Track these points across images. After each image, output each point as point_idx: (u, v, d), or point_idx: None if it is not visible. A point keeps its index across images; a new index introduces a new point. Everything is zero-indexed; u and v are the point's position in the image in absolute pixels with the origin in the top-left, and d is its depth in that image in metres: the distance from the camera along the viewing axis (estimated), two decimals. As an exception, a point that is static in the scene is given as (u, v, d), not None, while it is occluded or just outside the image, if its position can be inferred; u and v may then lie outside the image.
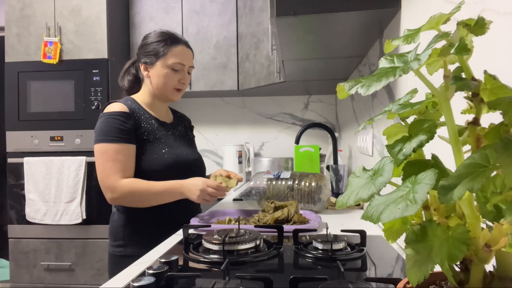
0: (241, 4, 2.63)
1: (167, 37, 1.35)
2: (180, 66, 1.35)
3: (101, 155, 1.25)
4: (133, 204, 1.27)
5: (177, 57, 1.34)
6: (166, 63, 1.33)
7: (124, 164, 1.25)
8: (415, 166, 0.38)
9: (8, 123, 2.51)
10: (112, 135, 1.25)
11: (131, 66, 1.45)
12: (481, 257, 0.34)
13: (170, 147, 1.35)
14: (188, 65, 1.38)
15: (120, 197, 1.23)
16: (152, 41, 1.35)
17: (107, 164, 1.24)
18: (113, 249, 1.32)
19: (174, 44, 1.34)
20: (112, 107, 1.30)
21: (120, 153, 1.24)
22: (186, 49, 1.38)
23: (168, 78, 1.34)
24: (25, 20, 2.50)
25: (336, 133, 2.49)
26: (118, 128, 1.25)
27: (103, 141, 1.25)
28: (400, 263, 0.86)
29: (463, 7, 0.38)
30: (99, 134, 1.26)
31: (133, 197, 1.24)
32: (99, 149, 1.26)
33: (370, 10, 1.05)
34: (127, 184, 1.23)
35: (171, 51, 1.33)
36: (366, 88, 0.35)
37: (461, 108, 0.40)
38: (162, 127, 1.38)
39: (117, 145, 1.24)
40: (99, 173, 1.25)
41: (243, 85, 2.64)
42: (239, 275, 0.69)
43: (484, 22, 0.36)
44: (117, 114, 1.27)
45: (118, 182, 1.22)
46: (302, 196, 1.46)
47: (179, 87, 1.37)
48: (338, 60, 1.69)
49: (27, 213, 2.42)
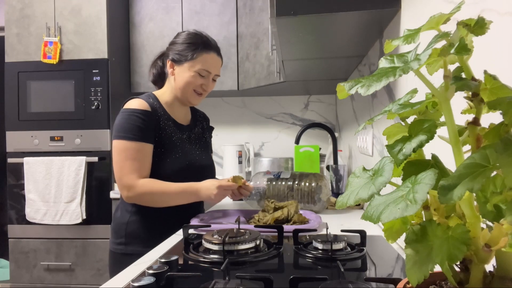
0: (241, 4, 2.63)
1: (200, 41, 1.35)
2: (206, 73, 1.35)
3: (121, 152, 1.24)
4: (148, 204, 1.27)
5: (206, 64, 1.34)
6: (194, 67, 1.32)
7: (143, 163, 1.25)
8: (415, 166, 0.38)
9: (8, 123, 2.51)
10: (133, 133, 1.24)
11: (158, 59, 1.45)
12: (481, 257, 0.34)
13: (183, 152, 1.35)
14: (215, 73, 1.38)
15: (137, 196, 1.24)
16: (185, 41, 1.34)
17: (126, 162, 1.23)
18: (115, 246, 1.31)
19: (206, 50, 1.34)
20: (134, 103, 1.29)
21: (140, 152, 1.24)
22: (216, 57, 1.38)
23: (191, 81, 1.33)
24: (25, 20, 2.50)
25: (336, 133, 2.49)
26: (139, 126, 1.25)
27: (123, 138, 1.24)
28: (400, 263, 0.86)
29: (463, 7, 0.38)
30: (120, 130, 1.25)
31: (150, 197, 1.25)
32: (119, 146, 1.25)
33: (370, 10, 1.05)
34: (145, 184, 1.23)
35: (201, 57, 1.33)
36: (366, 88, 0.35)
37: (461, 108, 0.40)
38: (179, 130, 1.38)
39: (137, 143, 1.24)
40: (118, 170, 1.25)
41: (243, 85, 2.64)
42: (239, 275, 0.69)
43: (484, 22, 0.36)
44: (139, 112, 1.27)
45: (136, 181, 1.23)
46: (302, 196, 1.46)
47: (200, 91, 1.37)
48: (338, 60, 1.69)
49: (27, 213, 2.42)
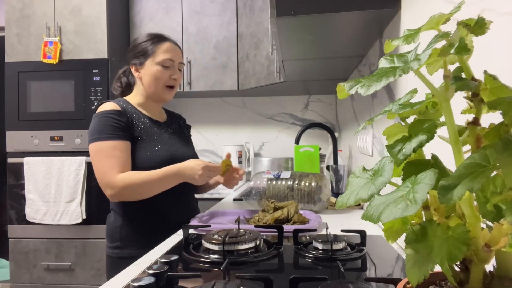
0: (241, 4, 2.63)
1: (153, 36, 1.37)
2: (170, 62, 1.35)
3: (97, 154, 1.24)
4: (133, 197, 1.25)
5: (166, 53, 1.35)
6: (155, 60, 1.34)
7: (121, 159, 1.23)
8: (415, 166, 0.37)
9: (8, 123, 2.51)
10: (106, 133, 1.24)
11: (122, 74, 1.46)
12: (481, 257, 0.34)
13: (163, 144, 1.34)
14: (178, 61, 1.39)
15: (120, 192, 1.22)
16: (140, 42, 1.37)
17: (103, 161, 1.22)
18: (111, 250, 1.31)
19: (161, 42, 1.36)
20: (104, 107, 1.30)
21: (116, 149, 1.23)
22: (174, 46, 1.39)
23: (159, 75, 1.34)
24: (25, 20, 2.50)
25: (336, 133, 2.49)
26: (112, 125, 1.25)
27: (97, 139, 1.24)
28: (400, 263, 0.86)
29: (463, 7, 0.38)
30: (93, 133, 1.26)
31: (132, 190, 1.22)
32: (94, 148, 1.25)
33: (370, 10, 1.05)
34: (124, 177, 1.21)
35: (159, 48, 1.35)
36: (366, 88, 0.35)
37: (461, 108, 0.40)
38: (155, 125, 1.38)
39: (112, 142, 1.24)
40: (96, 171, 1.24)
41: (243, 85, 2.64)
42: (239, 275, 0.69)
43: (484, 22, 0.36)
44: (109, 112, 1.27)
45: (115, 177, 1.21)
46: (302, 196, 1.46)
47: (171, 83, 1.37)
48: (338, 60, 1.69)
49: (27, 213, 2.42)
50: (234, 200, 1.88)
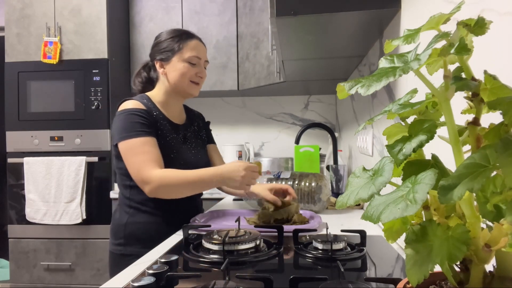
0: (241, 4, 2.63)
1: (181, 32, 1.38)
2: (196, 59, 1.36)
3: (128, 151, 1.23)
4: (168, 195, 1.23)
5: (193, 50, 1.35)
6: (182, 57, 1.34)
7: (153, 154, 1.23)
8: (415, 166, 0.38)
9: (8, 123, 2.51)
10: (134, 130, 1.23)
11: (141, 69, 1.46)
12: (481, 257, 0.34)
13: (178, 152, 1.33)
14: (204, 59, 1.40)
15: (156, 188, 1.19)
16: (166, 38, 1.36)
17: (136, 158, 1.21)
18: (114, 247, 1.31)
19: (189, 39, 1.37)
20: (128, 104, 1.29)
21: (146, 145, 1.23)
22: (200, 43, 1.40)
23: (185, 71, 1.34)
24: (25, 20, 2.50)
25: (336, 133, 2.49)
26: (139, 122, 1.24)
27: (126, 137, 1.23)
28: (400, 263, 0.86)
29: (463, 7, 0.38)
30: (121, 131, 1.24)
31: (168, 188, 1.20)
32: (124, 146, 1.23)
33: (370, 10, 1.05)
34: (161, 174, 1.20)
35: (186, 45, 1.35)
36: (366, 88, 0.35)
37: (461, 108, 0.40)
38: (173, 130, 1.37)
39: (142, 138, 1.23)
40: (131, 169, 1.22)
41: (243, 85, 2.64)
42: (239, 275, 0.69)
43: (484, 22, 0.36)
44: (136, 110, 1.26)
45: (151, 172, 1.20)
46: (302, 196, 1.46)
47: (196, 80, 1.38)
48: (338, 60, 1.69)
49: (27, 213, 2.42)
50: (234, 200, 1.88)
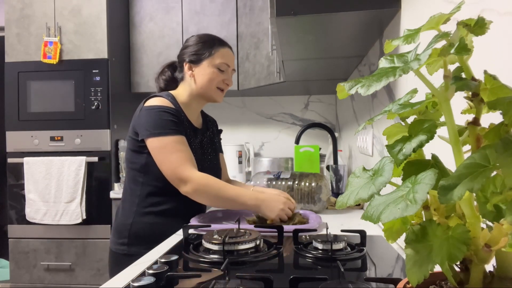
0: (241, 4, 2.63)
1: (215, 38, 1.40)
2: (225, 66, 1.38)
3: (162, 148, 1.22)
4: (201, 200, 1.23)
5: (224, 57, 1.37)
6: (213, 62, 1.35)
7: (188, 154, 1.23)
8: (415, 166, 0.38)
9: (8, 123, 2.51)
10: (168, 127, 1.23)
11: (166, 67, 1.47)
12: (481, 257, 0.34)
13: (197, 157, 1.32)
14: (232, 67, 1.42)
15: (196, 189, 1.19)
16: (199, 41, 1.38)
17: (171, 156, 1.21)
18: (116, 246, 1.29)
19: (222, 46, 1.39)
20: (159, 101, 1.28)
21: (180, 144, 1.23)
22: (231, 52, 1.42)
23: (213, 76, 1.35)
24: (25, 20, 2.50)
25: (336, 133, 2.49)
26: (172, 120, 1.25)
27: (159, 134, 1.22)
28: (400, 263, 0.86)
29: (463, 7, 0.38)
30: (154, 127, 1.23)
31: (205, 194, 1.20)
32: (156, 143, 1.22)
33: (370, 10, 1.05)
34: (202, 177, 1.19)
35: (219, 52, 1.37)
36: (366, 88, 0.35)
37: (461, 108, 0.40)
38: (193, 133, 1.38)
39: (175, 137, 1.23)
40: (167, 167, 1.21)
41: (243, 85, 2.64)
42: (239, 275, 0.69)
43: (484, 22, 0.36)
44: (167, 108, 1.26)
45: (193, 172, 1.19)
46: (302, 196, 1.46)
47: (222, 87, 1.39)
48: (338, 60, 1.69)
49: (27, 213, 2.42)
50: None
